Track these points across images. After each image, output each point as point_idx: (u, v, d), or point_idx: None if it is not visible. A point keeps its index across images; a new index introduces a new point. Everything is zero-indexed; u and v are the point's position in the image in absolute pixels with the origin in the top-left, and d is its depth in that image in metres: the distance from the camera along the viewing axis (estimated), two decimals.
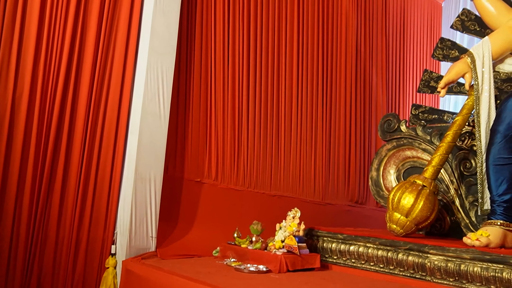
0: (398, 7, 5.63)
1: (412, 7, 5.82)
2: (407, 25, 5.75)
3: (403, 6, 5.70)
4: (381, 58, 5.33)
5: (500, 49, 2.52)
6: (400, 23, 5.65)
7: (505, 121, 2.26)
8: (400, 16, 5.66)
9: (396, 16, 5.60)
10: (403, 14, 5.70)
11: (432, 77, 3.57)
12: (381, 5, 5.38)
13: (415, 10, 5.86)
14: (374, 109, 5.20)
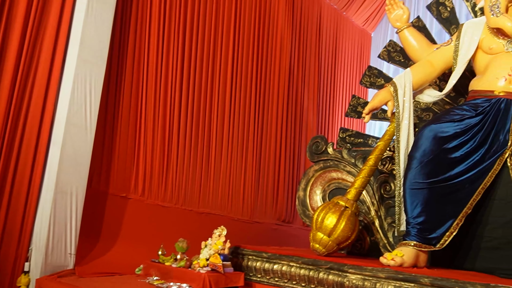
0: (331, 34, 5.87)
1: (344, 35, 6.09)
2: (339, 51, 6.00)
3: (335, 33, 5.95)
4: (313, 81, 5.52)
5: (420, 81, 2.72)
6: (332, 49, 5.89)
7: (421, 148, 2.42)
8: (333, 43, 5.91)
9: (329, 42, 5.84)
10: (336, 41, 5.95)
11: (359, 102, 3.74)
12: (315, 31, 5.58)
13: (347, 38, 6.14)
14: (305, 131, 5.36)
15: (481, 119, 2.48)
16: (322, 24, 5.70)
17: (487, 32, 2.68)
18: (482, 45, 2.68)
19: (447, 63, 2.81)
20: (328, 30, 5.82)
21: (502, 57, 2.58)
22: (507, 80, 2.52)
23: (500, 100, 2.50)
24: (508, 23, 2.44)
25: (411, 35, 3.11)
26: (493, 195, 2.54)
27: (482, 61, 2.70)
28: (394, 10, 3.17)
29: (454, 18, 3.53)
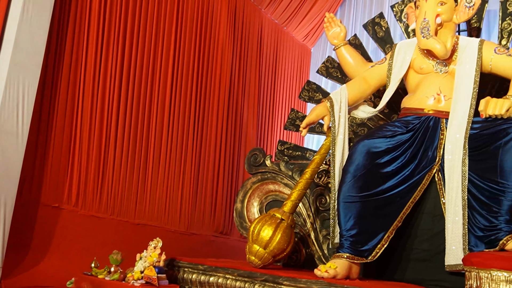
0: (272, 48, 5.96)
1: (284, 49, 6.20)
2: (279, 65, 6.10)
3: (276, 47, 6.05)
4: (254, 94, 5.57)
5: (355, 97, 2.81)
6: (273, 62, 5.98)
7: (354, 163, 2.50)
8: (273, 56, 5.99)
9: (269, 56, 5.92)
10: (276, 55, 6.05)
11: (298, 116, 3.81)
12: (256, 44, 5.65)
13: (287, 52, 6.25)
14: (244, 143, 5.39)
15: (411, 136, 2.59)
16: (263, 38, 5.78)
17: (418, 53, 2.81)
18: (413, 65, 2.81)
19: (381, 80, 2.91)
20: (269, 44, 5.91)
21: (432, 77, 2.71)
22: (435, 99, 2.65)
23: (429, 118, 2.62)
24: (437, 45, 2.56)
25: (347, 53, 3.21)
26: (421, 209, 2.65)
27: (413, 80, 2.82)
28: (332, 28, 3.27)
29: (388, 37, 3.68)
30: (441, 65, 2.70)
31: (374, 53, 4.69)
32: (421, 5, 2.70)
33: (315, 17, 6.07)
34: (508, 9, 3.18)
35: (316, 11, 6.00)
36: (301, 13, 5.97)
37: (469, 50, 2.65)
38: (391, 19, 4.75)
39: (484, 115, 2.31)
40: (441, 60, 2.68)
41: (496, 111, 2.26)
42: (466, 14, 2.70)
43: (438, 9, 2.65)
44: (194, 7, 4.80)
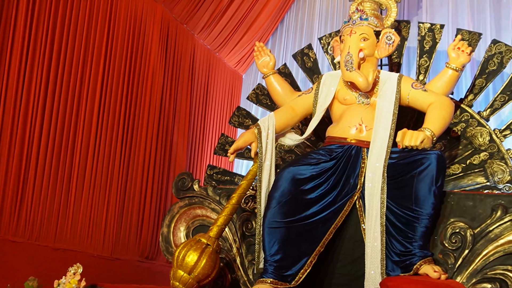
0: (204, 72, 6.00)
1: (216, 74, 6.26)
2: (210, 90, 6.14)
3: (208, 72, 6.09)
4: (184, 118, 5.57)
5: (282, 125, 2.89)
6: (204, 87, 6.01)
7: (280, 189, 2.56)
8: (205, 81, 6.03)
9: (201, 81, 5.95)
10: (208, 80, 6.09)
11: (227, 141, 3.84)
12: (188, 68, 5.67)
13: (219, 78, 6.31)
14: (173, 166, 5.34)
15: (334, 164, 2.68)
16: (196, 62, 5.82)
17: (342, 84, 2.94)
18: (338, 95, 2.94)
19: (307, 109, 3.01)
20: (201, 69, 5.95)
21: (355, 108, 2.84)
22: (357, 129, 2.77)
23: (352, 147, 2.73)
24: (360, 78, 2.70)
25: (276, 81, 3.30)
26: (343, 234, 2.74)
27: (337, 110, 2.94)
28: (261, 57, 3.35)
29: (316, 68, 3.82)
30: (364, 97, 2.85)
31: (303, 82, 4.85)
32: (346, 39, 2.85)
33: (247, 45, 6.19)
34: (425, 47, 3.43)
35: (248, 39, 6.13)
36: (233, 40, 6.07)
37: (389, 84, 2.81)
38: (319, 50, 4.95)
39: (401, 146, 2.45)
40: (363, 92, 2.83)
41: (412, 142, 2.39)
42: (386, 50, 2.87)
43: (361, 44, 2.81)
44: (125, 27, 4.77)
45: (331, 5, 5.84)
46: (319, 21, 5.87)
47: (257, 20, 6.01)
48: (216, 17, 5.67)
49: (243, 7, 5.78)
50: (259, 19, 6.01)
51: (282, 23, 6.32)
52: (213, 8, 5.53)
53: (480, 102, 3.47)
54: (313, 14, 5.99)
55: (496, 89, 3.27)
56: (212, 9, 5.53)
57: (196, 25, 5.66)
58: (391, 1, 3.33)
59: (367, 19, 2.86)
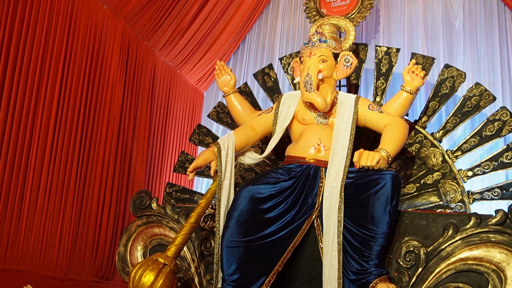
0: (165, 89, 5.97)
1: (177, 92, 6.24)
2: (171, 107, 6.11)
3: (169, 89, 6.07)
4: (144, 134, 5.51)
5: (242, 143, 2.90)
6: (165, 104, 5.98)
7: (239, 208, 2.56)
8: (166, 98, 6.00)
9: (162, 97, 5.92)
10: (169, 97, 6.06)
11: (187, 159, 3.83)
12: (148, 85, 5.63)
13: (180, 95, 6.29)
14: (132, 184, 5.26)
15: (293, 183, 2.71)
16: (156, 79, 5.79)
17: (302, 105, 3.00)
18: (297, 115, 2.99)
19: (267, 128, 3.04)
20: (162, 86, 5.92)
21: (313, 128, 2.90)
22: (316, 149, 2.82)
23: (310, 166, 2.77)
24: (318, 99, 2.77)
25: (236, 100, 3.33)
26: (301, 253, 2.76)
27: (296, 130, 2.99)
28: (222, 76, 3.38)
29: (277, 88, 3.88)
30: (322, 117, 2.91)
31: (263, 102, 4.90)
32: (305, 60, 2.92)
33: (209, 63, 6.22)
34: (382, 69, 3.54)
35: (210, 57, 6.16)
36: (195, 58, 6.08)
37: (346, 105, 2.89)
38: (280, 70, 5.02)
39: (358, 166, 2.51)
40: (322, 113, 2.89)
41: (368, 163, 2.46)
42: (344, 72, 2.95)
43: (320, 66, 2.88)
44: (84, 42, 4.70)
45: (292, 26, 5.95)
46: (280, 41, 5.97)
47: (219, 39, 6.06)
48: (177, 35, 5.68)
49: (205, 26, 5.83)
50: (221, 37, 6.06)
51: (243, 42, 6.39)
52: (174, 25, 5.55)
53: (434, 124, 3.60)
54: (274, 34, 6.09)
55: (449, 112, 3.40)
56: (174, 26, 5.55)
57: (157, 42, 5.65)
58: (349, 24, 3.43)
59: (326, 41, 2.95)
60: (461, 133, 4.07)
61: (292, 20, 5.97)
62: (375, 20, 5.27)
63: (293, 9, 6.02)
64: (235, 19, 6.02)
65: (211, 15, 5.78)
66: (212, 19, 5.82)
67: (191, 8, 5.54)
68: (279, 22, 6.07)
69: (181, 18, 5.53)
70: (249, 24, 6.23)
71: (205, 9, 5.68)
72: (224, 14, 5.88)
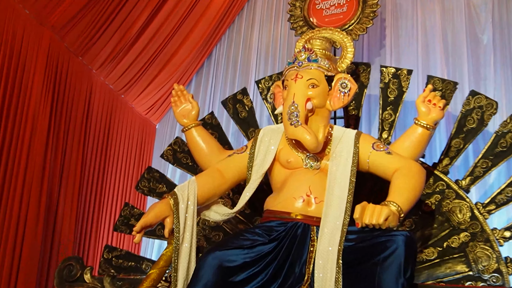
0: (104, 119, 5.92)
1: (121, 122, 6.20)
2: (113, 142, 6.06)
3: (110, 118, 6.03)
4: (75, 179, 5.43)
5: (207, 194, 2.88)
6: (104, 138, 5.92)
7: (202, 280, 2.50)
8: (105, 130, 5.95)
9: (100, 129, 5.87)
10: (110, 128, 6.02)
11: (133, 213, 3.80)
12: (82, 111, 5.58)
13: (125, 126, 6.26)
14: (56, 247, 5.15)
15: (275, 247, 2.69)
16: (93, 105, 5.76)
17: (285, 142, 3.01)
18: (279, 157, 3.00)
19: (240, 174, 3.04)
20: (101, 114, 5.89)
21: (301, 174, 2.90)
22: (305, 201, 2.81)
23: (297, 225, 2.76)
24: (307, 135, 2.77)
25: (199, 136, 3.32)
26: None
27: (279, 176, 2.99)
28: (181, 104, 3.38)
29: (252, 120, 3.91)
30: (312, 159, 2.93)
31: (235, 138, 4.93)
32: (290, 85, 2.95)
33: (162, 86, 6.23)
34: (389, 97, 3.60)
35: (164, 79, 6.17)
36: (144, 80, 6.09)
37: (344, 144, 2.91)
38: (257, 96, 5.06)
39: (359, 224, 2.49)
40: (312, 153, 2.91)
41: (374, 220, 2.43)
42: (341, 100, 2.99)
43: (309, 92, 2.92)
44: None
45: (273, 39, 6.03)
46: (257, 59, 6.04)
47: (176, 56, 6.11)
48: (120, 51, 5.69)
49: (157, 39, 5.87)
50: (178, 54, 6.11)
51: (209, 60, 6.46)
52: (116, 39, 5.56)
53: (458, 168, 3.65)
54: (249, 49, 6.17)
55: (477, 152, 3.44)
56: (115, 41, 5.56)
57: (94, 59, 5.65)
58: (347, 38, 3.51)
59: (317, 60, 2.99)
60: (494, 180, 4.11)
61: (273, 31, 6.06)
62: (380, 32, 5.38)
63: (273, 17, 6.12)
64: (198, 30, 6.09)
65: (165, 26, 5.83)
66: (166, 30, 5.87)
67: (138, 17, 5.57)
68: (255, 33, 6.17)
69: (125, 30, 5.55)
70: (216, 36, 6.31)
71: (157, 18, 5.73)
72: (183, 24, 5.94)
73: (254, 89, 5.39)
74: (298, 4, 4.10)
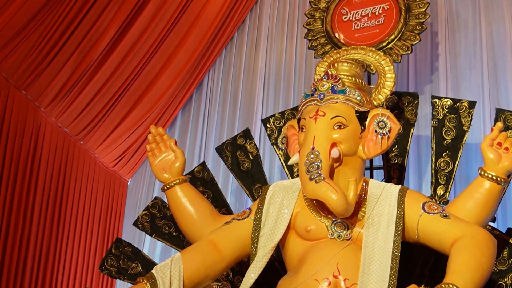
0: (57, 170, 5.89)
1: (79, 177, 6.15)
2: (67, 205, 5.99)
3: (65, 170, 6.00)
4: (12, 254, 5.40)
5: (196, 276, 2.86)
6: (58, 196, 5.88)
7: None
8: (57, 190, 5.89)
9: (52, 187, 5.83)
10: (63, 187, 5.95)
11: None
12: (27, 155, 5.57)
13: (84, 183, 6.22)
14: None
15: None
16: (43, 151, 5.72)
17: (303, 204, 3.01)
18: (295, 224, 2.99)
19: (242, 248, 3.03)
20: (52, 166, 5.85)
21: (325, 247, 2.89)
22: (331, 284, 2.78)
23: None
24: (333, 195, 2.72)
25: (185, 196, 3.32)
26: None
27: (295, 250, 2.99)
28: (160, 153, 3.39)
29: (259, 172, 3.90)
30: (341, 227, 2.92)
31: (235, 196, 4.92)
32: (308, 126, 2.96)
33: (133, 130, 6.21)
34: (445, 139, 3.59)
35: (135, 121, 6.13)
36: (107, 123, 6.08)
37: (384, 205, 2.91)
38: (265, 140, 5.06)
39: None
40: (340, 218, 2.90)
41: None
42: (378, 146, 2.99)
43: (335, 135, 2.92)
44: None
45: (285, 61, 6.01)
46: (264, 88, 6.01)
47: (153, 88, 6.05)
48: (75, 85, 5.63)
49: (126, 68, 5.85)
50: (156, 85, 6.07)
51: (199, 90, 6.44)
52: (69, 70, 5.46)
53: None
54: (253, 75, 6.14)
55: None
56: (68, 72, 5.46)
57: (42, 94, 5.64)
58: (384, 60, 3.50)
59: (344, 91, 3.01)
60: None
61: (285, 52, 6.06)
62: (430, 50, 5.38)
63: (286, 32, 6.12)
64: (185, 51, 6.08)
65: (138, 47, 5.77)
66: (140, 52, 5.83)
67: (100, 37, 5.51)
68: (261, 54, 6.16)
69: (82, 55, 5.52)
70: (209, 59, 6.31)
71: (127, 37, 5.66)
72: (164, 43, 5.92)
73: (260, 130, 5.39)
74: (318, 15, 4.13)
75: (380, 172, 3.84)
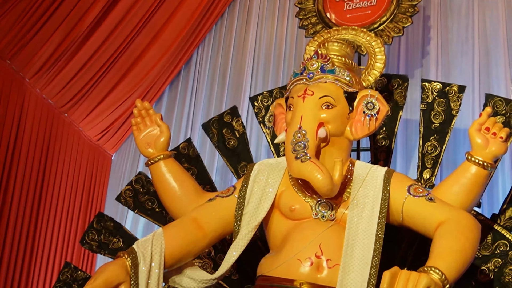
0: (38, 147, 5.89)
1: (62, 150, 6.16)
2: (50, 177, 6.01)
3: (46, 147, 5.99)
4: None
5: (178, 252, 2.84)
6: (39, 172, 5.87)
7: None
8: (40, 162, 5.90)
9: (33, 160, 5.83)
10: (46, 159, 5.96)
11: (76, 277, 3.78)
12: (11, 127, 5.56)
13: (68, 157, 6.21)
14: None
15: None
16: (27, 123, 5.71)
17: (288, 183, 3.01)
18: (280, 203, 2.99)
19: (225, 225, 3.03)
20: (35, 139, 5.84)
21: (309, 227, 2.89)
22: (314, 264, 2.79)
23: None
24: (318, 174, 2.72)
25: (169, 171, 3.32)
26: None
27: (278, 229, 2.99)
28: (145, 128, 3.37)
29: (245, 151, 3.91)
30: (325, 207, 2.92)
31: (221, 174, 4.92)
32: (296, 105, 2.96)
33: (119, 104, 6.20)
34: (434, 123, 3.60)
35: (121, 95, 6.14)
36: (93, 96, 6.07)
37: (369, 186, 2.91)
38: (252, 118, 5.06)
39: None
40: (325, 199, 2.90)
41: None
42: (366, 127, 3.00)
43: (322, 115, 2.92)
44: None
45: (275, 39, 6.02)
46: (253, 66, 6.04)
47: (140, 63, 6.11)
48: (61, 56, 5.64)
49: (113, 42, 5.88)
50: (143, 60, 6.12)
51: (187, 67, 6.44)
52: (56, 41, 5.49)
53: None
54: (242, 52, 6.17)
55: None
56: (55, 43, 5.49)
57: (26, 66, 5.63)
58: (375, 42, 3.50)
59: (334, 71, 3.01)
60: None
61: (276, 30, 6.07)
62: (422, 34, 5.39)
63: (277, 11, 6.13)
64: (173, 27, 6.09)
65: (126, 21, 5.82)
66: (128, 27, 5.87)
67: (88, 10, 5.50)
68: (251, 32, 6.19)
69: (69, 27, 5.51)
70: (198, 36, 6.31)
71: (115, 11, 5.72)
72: (152, 18, 5.93)
73: (248, 108, 5.40)
74: None
75: (367, 154, 3.84)
